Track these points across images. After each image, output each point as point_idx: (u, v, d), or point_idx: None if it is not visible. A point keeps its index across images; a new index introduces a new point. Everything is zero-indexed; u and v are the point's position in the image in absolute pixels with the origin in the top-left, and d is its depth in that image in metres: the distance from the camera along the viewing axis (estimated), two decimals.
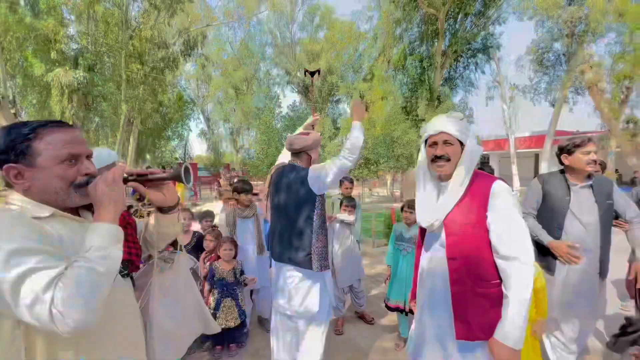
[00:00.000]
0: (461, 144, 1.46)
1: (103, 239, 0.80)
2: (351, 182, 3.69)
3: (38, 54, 9.70)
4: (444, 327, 1.47)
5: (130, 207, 0.97)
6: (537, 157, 20.39)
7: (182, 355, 1.21)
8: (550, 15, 14.59)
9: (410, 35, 22.67)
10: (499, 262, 1.36)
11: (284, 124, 10.71)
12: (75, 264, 0.75)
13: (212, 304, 2.73)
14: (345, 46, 26.06)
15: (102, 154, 1.61)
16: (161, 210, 1.07)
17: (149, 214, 1.06)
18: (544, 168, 15.07)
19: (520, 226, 1.37)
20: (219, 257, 2.86)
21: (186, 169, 0.95)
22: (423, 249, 1.66)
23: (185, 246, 2.85)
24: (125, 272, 1.01)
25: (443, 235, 1.47)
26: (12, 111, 11.62)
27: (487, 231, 1.38)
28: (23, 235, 0.76)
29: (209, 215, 3.40)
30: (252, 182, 3.29)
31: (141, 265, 2.10)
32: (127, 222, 1.06)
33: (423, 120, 17.75)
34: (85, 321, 0.72)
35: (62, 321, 0.70)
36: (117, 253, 0.82)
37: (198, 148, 38.42)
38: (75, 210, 0.95)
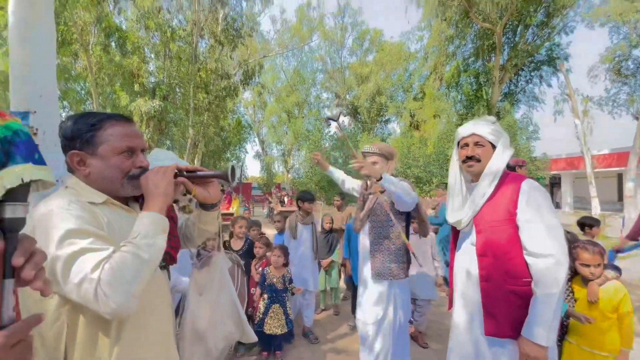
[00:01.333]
0: (493, 146, 1.52)
1: (149, 227, 0.83)
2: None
3: (124, 87, 11.39)
4: (474, 324, 1.50)
5: (176, 201, 1.02)
6: (620, 177, 17.82)
7: (212, 359, 1.15)
8: (626, 21, 13.10)
9: (464, 51, 21.97)
10: (529, 260, 1.36)
11: (331, 144, 10.91)
12: (123, 248, 0.78)
13: (262, 309, 2.80)
14: (395, 67, 26.15)
15: (174, 156, 1.86)
16: (204, 207, 1.11)
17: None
18: (629, 189, 13.06)
19: (551, 223, 1.36)
20: (270, 263, 2.95)
21: (232, 169, 1.00)
22: (456, 250, 1.68)
23: (237, 251, 3.02)
24: (164, 264, 1.04)
25: (473, 233, 1.51)
26: None
27: (517, 228, 1.40)
28: (79, 216, 0.80)
29: (256, 224, 3.58)
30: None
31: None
32: (169, 216, 1.06)
33: None
34: (125, 304, 0.74)
35: (105, 301, 0.72)
36: (162, 242, 0.85)
37: (253, 169, 40.64)
38: (125, 201, 1.00)
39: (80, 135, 0.90)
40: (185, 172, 1.00)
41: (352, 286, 3.51)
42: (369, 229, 2.26)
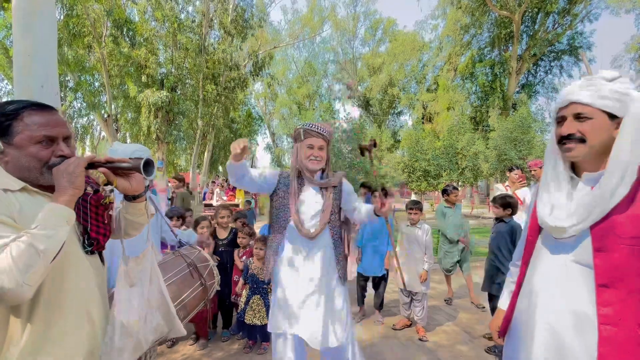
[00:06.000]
0: (612, 117, 1.00)
1: (52, 219, 0.84)
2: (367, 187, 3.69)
3: (133, 79, 11.63)
4: None
5: (97, 191, 1.04)
6: None
7: (142, 352, 1.16)
8: None
9: (480, 40, 21.31)
10: None
11: (339, 136, 10.81)
12: (20, 238, 0.80)
13: (244, 299, 2.83)
14: (408, 57, 25.60)
15: (136, 148, 1.88)
16: (126, 198, 1.12)
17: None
18: None
19: None
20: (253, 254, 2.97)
21: (147, 162, 1.01)
22: (537, 262, 1.15)
23: (222, 240, 3.07)
24: (90, 249, 1.04)
25: (585, 248, 1.02)
26: (115, 127, 13.98)
27: None
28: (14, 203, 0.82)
29: (242, 215, 3.61)
30: None
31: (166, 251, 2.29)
32: (100, 204, 1.11)
33: (494, 130, 16.32)
34: (14, 291, 0.76)
35: None
36: (63, 233, 0.86)
37: (263, 161, 41.05)
38: (51, 188, 0.97)
39: None
40: (104, 163, 1.00)
41: (360, 277, 3.55)
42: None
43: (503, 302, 1.32)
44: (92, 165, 0.97)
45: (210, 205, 10.46)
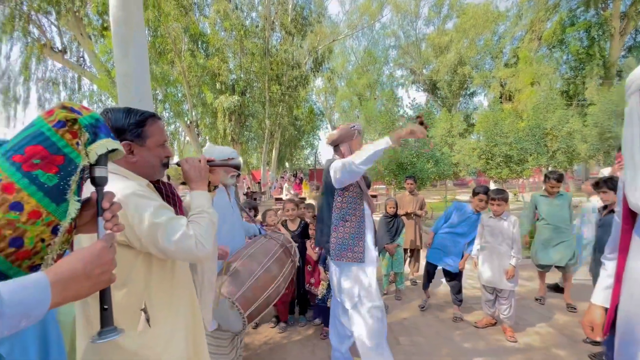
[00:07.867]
0: None
1: (208, 202, 1.16)
2: (485, 193, 3.15)
3: (209, 86, 12.83)
4: None
5: (183, 183, 1.24)
6: None
7: (216, 305, 1.58)
8: None
9: (570, 1, 18.20)
10: None
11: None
12: (199, 215, 1.10)
13: (325, 285, 2.93)
14: (480, 31, 23.22)
15: (231, 151, 2.08)
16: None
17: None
18: None
19: None
20: None
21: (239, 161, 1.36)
22: (636, 249, 1.12)
23: (292, 232, 3.21)
24: None
25: None
26: (196, 132, 15.64)
27: None
28: (153, 195, 1.06)
29: (309, 206, 3.69)
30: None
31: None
32: (178, 197, 1.32)
33: (593, 104, 13.90)
34: (211, 250, 1.08)
35: (203, 249, 1.03)
36: (215, 212, 1.18)
37: (327, 155, 41.72)
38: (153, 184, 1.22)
39: (131, 129, 1.09)
40: (210, 162, 1.28)
41: (428, 263, 3.44)
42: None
43: (597, 297, 1.27)
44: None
45: (280, 199, 11.22)
